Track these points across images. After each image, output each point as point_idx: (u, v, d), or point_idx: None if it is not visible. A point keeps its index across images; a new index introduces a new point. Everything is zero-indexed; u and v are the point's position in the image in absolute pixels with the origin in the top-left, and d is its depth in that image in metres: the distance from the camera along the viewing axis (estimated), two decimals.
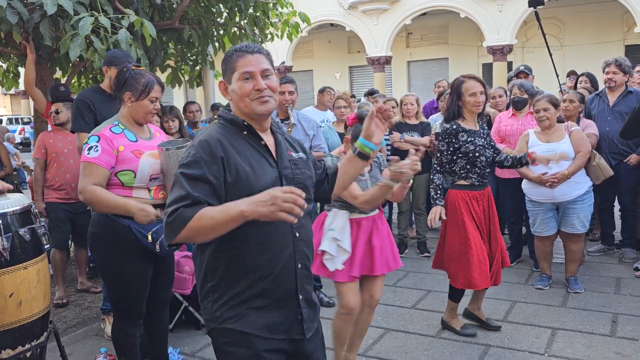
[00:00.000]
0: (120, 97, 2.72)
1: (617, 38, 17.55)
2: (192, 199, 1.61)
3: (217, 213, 1.58)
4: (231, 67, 1.76)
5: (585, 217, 4.27)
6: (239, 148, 1.74)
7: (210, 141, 1.71)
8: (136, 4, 4.82)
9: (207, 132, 1.78)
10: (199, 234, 1.61)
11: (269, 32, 6.54)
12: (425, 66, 21.10)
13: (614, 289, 4.40)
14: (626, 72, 5.03)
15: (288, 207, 1.48)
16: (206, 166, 1.66)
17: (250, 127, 1.78)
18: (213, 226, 1.58)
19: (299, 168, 1.86)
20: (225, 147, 1.71)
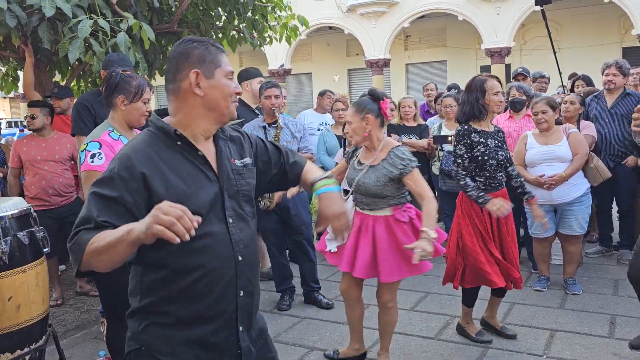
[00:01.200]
0: (111, 101, 2.69)
1: (614, 40, 17.62)
2: (94, 223, 1.43)
3: (108, 235, 1.38)
4: (214, 60, 1.57)
5: (583, 218, 4.28)
6: (170, 161, 1.53)
7: (132, 155, 1.51)
8: (135, 7, 4.83)
9: (132, 143, 1.57)
10: (96, 260, 1.40)
11: (267, 35, 6.56)
12: (423, 69, 21.16)
13: (612, 290, 4.41)
14: (625, 75, 5.06)
15: (167, 221, 1.25)
16: (122, 184, 1.46)
17: (183, 137, 1.56)
18: (104, 250, 1.37)
19: (244, 178, 1.67)
20: (151, 160, 1.51)
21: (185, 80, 1.55)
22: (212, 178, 1.58)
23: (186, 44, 1.58)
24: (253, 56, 20.41)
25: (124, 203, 1.45)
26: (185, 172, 1.53)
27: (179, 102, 1.58)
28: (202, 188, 1.54)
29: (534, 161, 4.21)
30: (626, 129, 4.88)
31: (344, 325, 3.97)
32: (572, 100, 4.78)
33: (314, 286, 4.44)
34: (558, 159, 4.14)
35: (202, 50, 1.56)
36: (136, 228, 1.32)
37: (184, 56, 1.56)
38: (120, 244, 1.35)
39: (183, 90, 1.56)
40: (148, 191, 1.47)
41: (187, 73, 1.55)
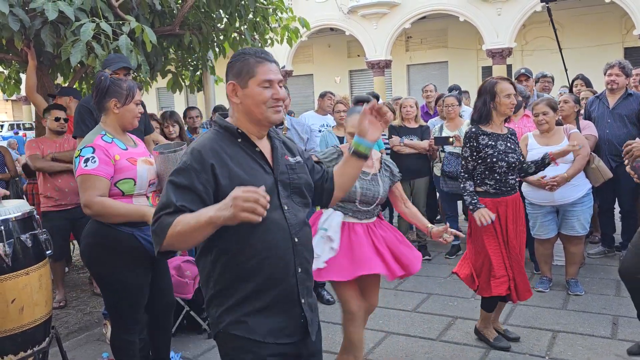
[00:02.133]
0: (103, 105, 2.70)
1: (616, 40, 17.60)
2: (173, 207, 1.63)
3: (191, 219, 1.58)
4: (249, 71, 1.75)
5: (585, 219, 4.28)
6: (233, 155, 1.75)
7: (202, 149, 1.72)
8: (137, 10, 4.85)
9: (201, 140, 1.79)
10: (178, 241, 1.62)
11: (268, 37, 6.57)
12: (424, 70, 21.15)
13: (615, 291, 4.41)
14: (628, 75, 5.06)
15: (249, 207, 1.44)
16: (195, 174, 1.67)
17: (244, 135, 1.79)
18: (188, 232, 1.58)
19: (296, 172, 1.87)
20: (218, 154, 1.72)
21: (228, 90, 1.80)
22: (267, 170, 1.79)
23: (233, 58, 1.80)
24: None
25: (196, 190, 1.66)
26: (246, 165, 1.75)
27: (232, 107, 1.83)
28: (260, 178, 1.74)
29: None
30: (628, 129, 4.88)
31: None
32: (566, 99, 4.79)
33: (318, 282, 4.51)
34: (560, 160, 4.14)
35: (241, 62, 1.77)
36: (221, 215, 1.48)
37: (228, 69, 1.80)
38: (205, 227, 1.54)
39: (230, 97, 1.80)
40: (215, 180, 1.68)
41: (228, 83, 1.79)
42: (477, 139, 3.35)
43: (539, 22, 17.97)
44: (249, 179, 1.71)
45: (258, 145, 1.80)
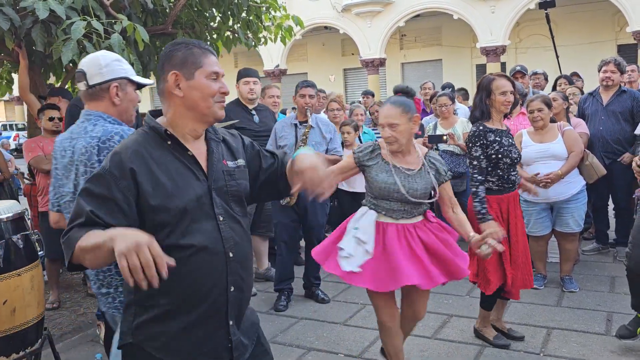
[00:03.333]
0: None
1: (609, 38, 17.67)
2: (85, 217, 1.48)
3: (95, 237, 1.41)
4: (195, 62, 1.61)
5: (579, 216, 4.29)
6: (160, 160, 1.58)
7: (122, 153, 1.57)
8: (129, 9, 4.82)
9: (124, 142, 1.63)
10: (84, 259, 1.46)
11: (262, 35, 6.54)
12: (419, 68, 21.18)
13: (609, 287, 4.42)
14: (622, 72, 5.09)
15: (132, 264, 1.27)
16: (113, 181, 1.52)
17: (173, 137, 1.62)
18: (90, 250, 1.42)
19: (235, 179, 1.70)
20: (141, 158, 1.56)
21: (167, 82, 1.62)
22: (200, 177, 1.62)
23: (171, 46, 1.65)
24: (248, 57, 20.37)
25: (114, 199, 1.51)
26: (174, 171, 1.58)
27: (166, 103, 1.66)
28: (190, 186, 1.59)
29: (529, 159, 4.21)
30: (621, 126, 4.90)
31: (340, 325, 3.97)
32: (554, 97, 4.80)
33: (314, 282, 4.55)
34: (553, 157, 4.15)
35: (184, 52, 1.62)
36: (113, 243, 1.33)
37: (167, 58, 1.64)
38: (100, 249, 1.40)
39: (167, 91, 1.63)
40: (137, 187, 1.53)
41: (167, 74, 1.62)
42: (486, 137, 3.29)
43: (533, 20, 18.02)
44: (175, 188, 1.56)
45: (190, 149, 1.63)
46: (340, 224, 2.89)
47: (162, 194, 1.54)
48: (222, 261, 1.62)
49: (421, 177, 2.74)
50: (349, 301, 4.46)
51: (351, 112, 6.04)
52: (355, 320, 4.05)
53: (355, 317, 4.12)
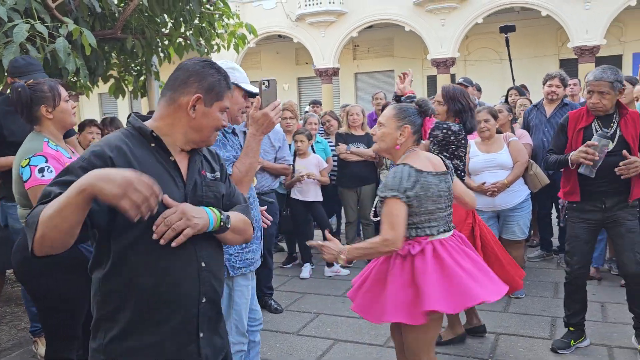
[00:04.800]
0: (33, 116, 2.54)
1: (552, 52, 18.44)
2: (53, 196, 1.40)
3: (60, 198, 1.35)
4: (218, 93, 1.65)
5: (524, 224, 4.43)
6: (142, 159, 1.56)
7: (104, 145, 1.53)
8: (76, 12, 4.68)
9: (106, 139, 1.59)
10: (50, 229, 1.35)
11: (215, 43, 6.49)
12: (372, 78, 21.45)
13: (553, 293, 4.58)
14: (566, 86, 5.32)
15: (137, 199, 1.29)
16: (90, 168, 1.43)
17: (159, 140, 1.61)
18: (57, 212, 1.33)
19: (211, 189, 1.71)
20: (121, 151, 1.53)
21: (186, 97, 1.61)
22: (179, 184, 1.61)
23: (207, 66, 1.66)
24: None
25: None
26: (154, 173, 1.52)
27: (170, 111, 1.63)
28: (169, 191, 1.55)
29: (476, 169, 4.32)
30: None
31: (293, 335, 3.95)
32: (499, 108, 4.96)
33: (266, 292, 4.51)
34: (499, 167, 4.28)
35: (215, 80, 1.65)
36: (100, 185, 1.29)
37: (198, 77, 1.63)
38: (75, 197, 1.31)
39: (180, 103, 1.62)
40: None
41: (191, 92, 1.62)
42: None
43: (481, 33, 18.61)
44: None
45: (173, 155, 1.63)
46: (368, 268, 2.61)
47: None
48: (194, 270, 1.60)
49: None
50: (302, 310, 4.44)
51: (305, 120, 6.06)
52: (308, 330, 4.04)
53: (309, 326, 4.11)
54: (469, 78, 6.36)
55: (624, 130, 3.19)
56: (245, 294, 2.53)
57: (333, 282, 5.12)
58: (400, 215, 2.34)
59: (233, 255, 2.47)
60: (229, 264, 2.46)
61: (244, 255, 2.51)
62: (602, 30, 15.98)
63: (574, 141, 3.33)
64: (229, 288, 2.50)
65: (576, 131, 3.34)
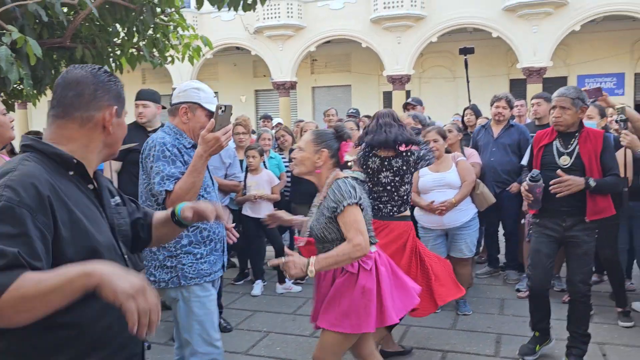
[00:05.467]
0: None
1: (502, 72, 19.09)
2: (7, 259, 1.17)
3: (46, 277, 1.18)
4: (124, 101, 1.57)
5: (471, 242, 4.53)
6: (68, 191, 1.38)
7: (35, 180, 1.30)
8: (21, 19, 4.52)
9: (26, 168, 1.32)
10: (19, 310, 1.17)
11: (169, 54, 6.39)
12: (329, 92, 21.64)
13: (499, 309, 4.68)
14: (512, 107, 5.50)
15: (143, 306, 1.18)
16: (30, 215, 1.24)
17: (81, 166, 1.44)
18: (41, 295, 1.16)
19: (122, 217, 1.62)
20: (53, 189, 1.33)
21: (101, 113, 1.47)
22: (102, 214, 1.49)
23: (104, 74, 1.50)
24: (156, 73, 19.85)
25: (31, 239, 1.23)
26: (83, 205, 1.40)
27: (80, 131, 1.46)
28: (100, 224, 1.44)
29: (426, 188, 4.40)
30: (510, 157, 5.26)
31: (242, 355, 3.89)
32: (449, 128, 5.08)
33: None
34: (448, 186, 4.37)
35: (119, 87, 1.53)
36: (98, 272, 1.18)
37: (105, 88, 1.48)
38: (70, 288, 1.18)
39: (95, 121, 1.46)
40: (55, 223, 1.29)
41: (106, 106, 1.47)
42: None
43: (435, 52, 19.08)
44: (91, 225, 1.39)
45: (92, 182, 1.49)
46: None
47: (84, 231, 1.35)
48: None
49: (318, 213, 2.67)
50: (252, 329, 4.38)
51: (259, 136, 6.03)
52: (257, 350, 3.99)
53: (258, 346, 4.06)
54: (418, 98, 6.50)
55: (582, 148, 3.37)
56: (207, 304, 2.54)
57: (284, 300, 5.08)
58: (363, 222, 2.51)
59: (186, 265, 2.50)
60: (181, 274, 2.48)
61: (198, 266, 2.53)
62: (549, 52, 16.69)
63: (535, 158, 3.55)
64: (184, 298, 2.51)
65: (538, 148, 3.55)
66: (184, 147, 2.56)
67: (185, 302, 2.51)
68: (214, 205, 1.81)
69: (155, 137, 2.57)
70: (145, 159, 2.55)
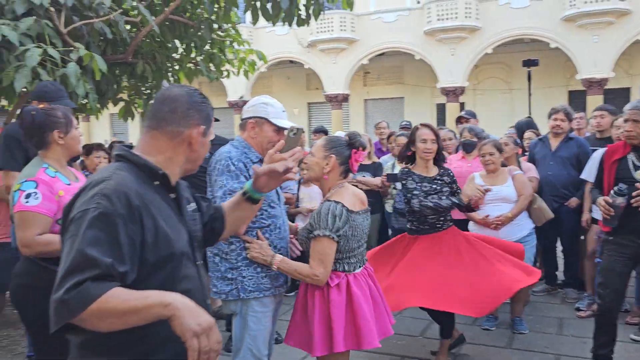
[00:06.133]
0: (44, 140, 2.55)
1: (561, 84, 18.50)
2: (102, 269, 1.28)
3: (130, 297, 1.28)
4: (211, 122, 1.69)
5: (528, 258, 4.37)
6: (153, 200, 1.48)
7: (128, 190, 1.41)
8: (87, 37, 4.77)
9: (119, 178, 1.44)
10: (102, 320, 1.27)
11: (225, 69, 6.58)
12: (381, 104, 21.60)
13: (557, 329, 4.49)
14: (571, 120, 5.31)
15: (204, 346, 1.27)
16: (122, 223, 1.35)
17: (166, 177, 1.55)
18: (123, 313, 1.27)
19: (196, 223, 1.72)
20: (141, 196, 1.43)
21: (190, 130, 1.58)
22: (181, 221, 1.60)
23: (199, 96, 1.63)
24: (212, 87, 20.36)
25: (121, 246, 1.35)
26: (165, 214, 1.51)
27: (169, 144, 1.57)
28: (180, 231, 1.55)
29: None
30: (568, 171, 5.07)
31: None
32: (505, 141, 4.96)
33: None
34: (504, 200, 4.26)
35: (209, 110, 1.65)
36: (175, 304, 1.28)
37: (198, 108, 1.60)
38: (141, 312, 1.28)
39: (183, 136, 1.58)
40: (143, 232, 1.41)
41: (195, 124, 1.59)
42: (407, 179, 3.60)
43: (490, 63, 18.74)
44: (172, 232, 1.50)
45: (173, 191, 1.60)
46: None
47: (165, 239, 1.46)
48: (204, 306, 1.59)
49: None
50: None
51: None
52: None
53: (308, 357, 4.05)
54: (472, 110, 6.39)
55: None
56: (263, 320, 2.56)
57: None
58: (331, 255, 2.48)
59: (247, 278, 2.52)
60: (241, 286, 2.50)
61: (259, 280, 2.54)
62: (611, 63, 16.08)
63: (608, 173, 3.42)
64: (242, 311, 2.53)
65: (610, 163, 3.43)
66: (251, 161, 2.57)
67: (242, 315, 2.53)
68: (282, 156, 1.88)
69: (223, 150, 2.60)
70: (211, 171, 2.61)
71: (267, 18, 5.52)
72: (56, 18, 4.18)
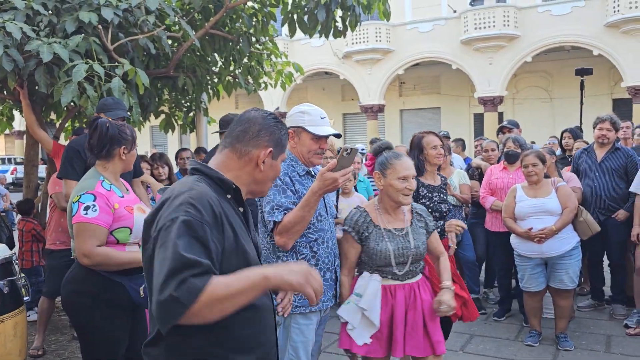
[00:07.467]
0: (110, 153, 2.64)
1: (604, 92, 17.98)
2: (205, 267, 1.38)
3: (232, 281, 1.39)
4: (284, 147, 1.77)
5: (574, 272, 4.25)
6: (227, 212, 1.57)
7: (211, 200, 1.51)
8: (132, 52, 4.91)
9: (201, 188, 1.55)
10: (213, 310, 1.36)
11: (262, 81, 6.66)
12: (417, 115, 21.47)
13: (605, 347, 4.33)
14: (617, 130, 5.13)
15: (317, 287, 1.45)
16: (210, 230, 1.45)
17: (238, 191, 1.65)
18: (231, 296, 1.37)
19: (255, 238, 1.79)
20: (222, 210, 1.54)
21: (258, 151, 1.66)
22: (249, 234, 1.67)
23: (274, 120, 1.71)
24: (249, 99, 20.67)
25: (210, 250, 1.45)
26: (238, 225, 1.59)
27: (237, 162, 1.66)
28: (249, 242, 1.63)
29: (523, 214, 4.21)
30: (615, 182, 4.91)
31: None
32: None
33: None
34: (547, 212, 4.15)
35: (282, 134, 1.72)
36: (283, 277, 1.43)
37: (269, 131, 1.68)
38: (253, 290, 1.40)
39: (250, 156, 1.66)
40: (223, 237, 1.51)
41: (264, 146, 1.66)
42: (418, 190, 3.44)
43: (530, 72, 18.39)
44: (246, 243, 1.58)
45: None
46: None
47: (241, 249, 1.56)
48: (272, 317, 1.70)
49: (416, 234, 2.73)
50: (339, 353, 4.36)
51: None
52: None
53: None
54: (514, 120, 6.25)
55: None
56: (306, 333, 2.56)
57: None
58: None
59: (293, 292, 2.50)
60: None
61: None
62: None
63: None
64: (285, 322, 2.55)
65: None
66: (297, 174, 2.58)
67: (286, 326, 2.55)
68: None
69: None
70: None
71: (304, 31, 5.57)
72: (103, 35, 4.31)
